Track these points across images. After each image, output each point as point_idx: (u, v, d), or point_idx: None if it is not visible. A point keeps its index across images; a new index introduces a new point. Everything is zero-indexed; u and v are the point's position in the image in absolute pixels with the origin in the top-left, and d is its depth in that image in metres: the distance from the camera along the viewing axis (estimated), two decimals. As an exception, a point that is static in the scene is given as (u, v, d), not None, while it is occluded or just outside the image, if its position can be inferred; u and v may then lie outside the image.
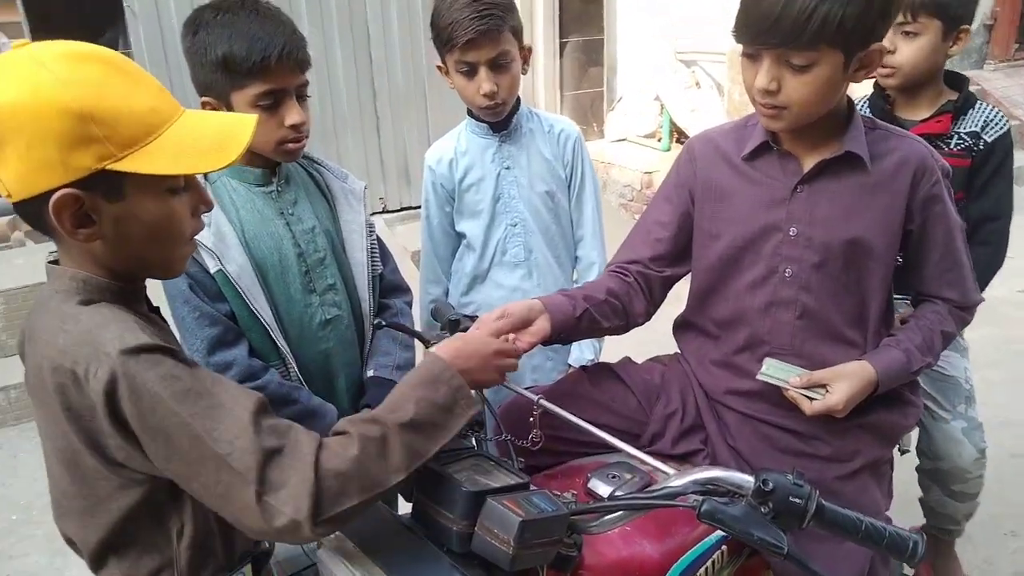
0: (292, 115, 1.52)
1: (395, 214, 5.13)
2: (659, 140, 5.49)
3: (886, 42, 1.82)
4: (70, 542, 1.11)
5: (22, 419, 3.63)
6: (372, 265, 1.75)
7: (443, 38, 1.83)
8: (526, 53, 1.93)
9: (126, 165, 0.94)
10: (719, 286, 1.57)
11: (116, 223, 0.98)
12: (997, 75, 7.96)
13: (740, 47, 1.38)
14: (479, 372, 1.18)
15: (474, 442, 1.23)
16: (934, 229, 1.46)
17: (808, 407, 1.40)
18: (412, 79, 4.99)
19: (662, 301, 1.70)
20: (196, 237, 1.12)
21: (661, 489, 1.06)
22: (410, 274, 4.53)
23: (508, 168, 2.01)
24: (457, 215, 2.08)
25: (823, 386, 1.42)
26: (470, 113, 2.01)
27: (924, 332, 1.49)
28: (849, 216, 1.42)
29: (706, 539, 1.34)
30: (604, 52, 5.70)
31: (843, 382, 1.40)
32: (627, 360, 1.69)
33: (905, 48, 1.92)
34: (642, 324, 1.67)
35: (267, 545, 1.19)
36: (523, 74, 1.95)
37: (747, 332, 1.53)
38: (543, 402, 1.27)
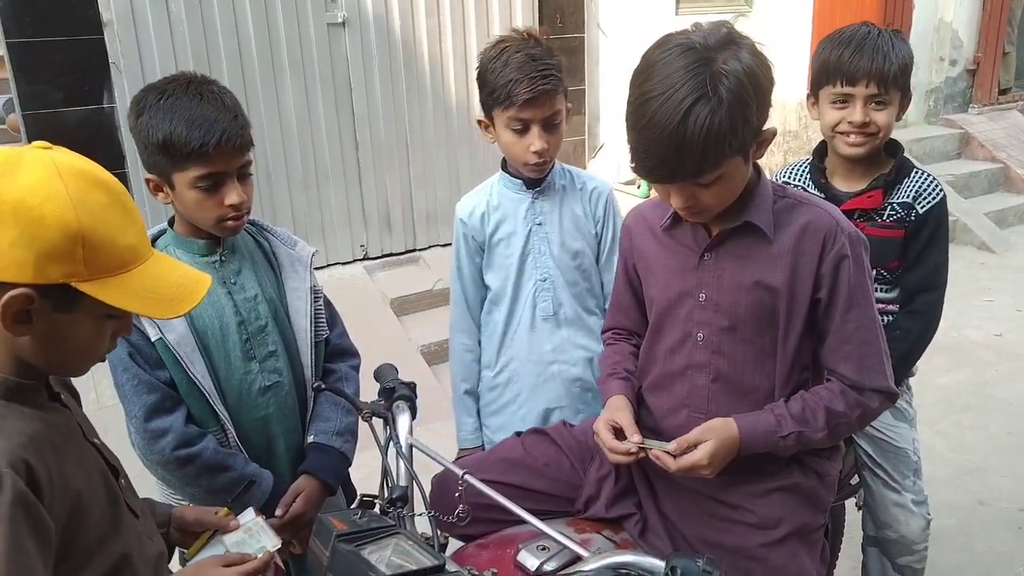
0: (231, 196, 1.56)
1: (376, 261, 5.16)
2: (639, 187, 5.57)
3: (858, 115, 1.91)
4: None
5: None
6: (317, 331, 1.78)
7: (498, 96, 1.86)
8: (568, 110, 1.97)
9: (89, 288, 1.01)
10: (649, 351, 1.62)
11: (51, 329, 1.04)
12: (981, 119, 8.08)
13: None
14: None
15: (396, 518, 1.25)
16: (836, 297, 1.45)
17: (672, 464, 1.41)
18: (394, 131, 5.05)
19: None
20: None
21: (574, 572, 1.08)
22: (387, 321, 4.58)
23: (540, 224, 2.03)
24: (486, 268, 2.11)
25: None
26: (504, 168, 2.06)
27: (805, 402, 1.46)
28: (752, 282, 1.46)
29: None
30: (586, 101, 5.79)
31: (707, 440, 1.42)
32: (562, 424, 1.72)
33: (880, 117, 1.94)
34: None
35: None
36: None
37: (669, 396, 1.57)
38: (468, 477, 1.28)
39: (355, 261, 5.12)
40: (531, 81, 1.81)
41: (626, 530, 1.54)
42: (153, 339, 1.56)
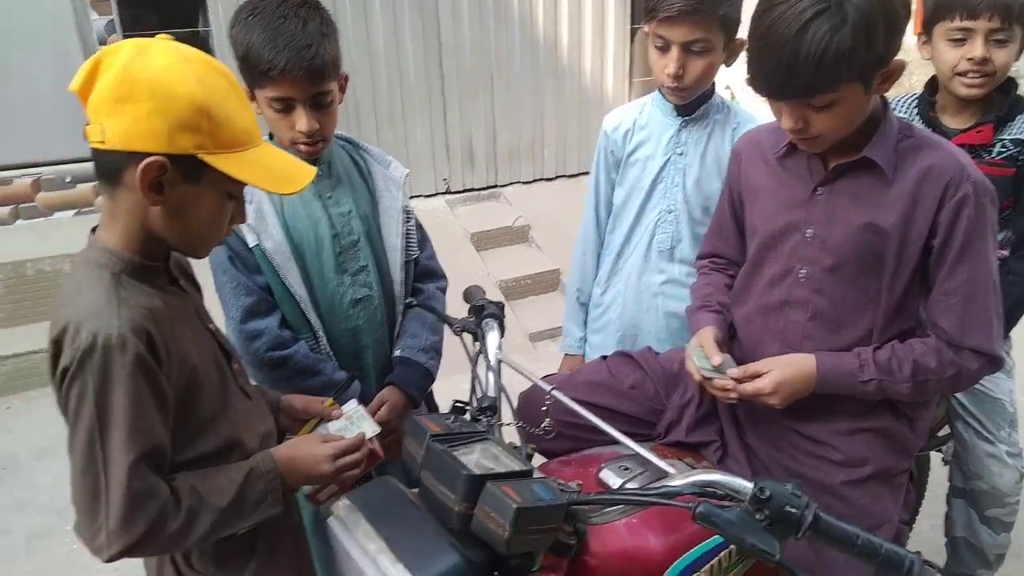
0: (299, 123, 1.57)
1: (457, 195, 5.19)
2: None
3: (979, 51, 1.80)
4: None
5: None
6: (408, 250, 1.81)
7: (649, 4, 1.78)
8: (736, 46, 1.81)
9: (213, 160, 1.11)
10: (746, 282, 1.59)
11: (180, 201, 1.14)
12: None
13: None
14: (301, 479, 1.30)
15: (486, 426, 1.27)
16: (949, 246, 1.37)
17: (735, 391, 1.40)
18: (480, 64, 5.02)
19: None
20: None
21: (661, 488, 1.08)
22: (467, 255, 4.61)
23: (680, 155, 1.93)
24: (617, 185, 2.06)
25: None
26: (660, 88, 1.94)
27: (894, 352, 1.41)
28: (863, 223, 1.40)
29: (713, 537, 1.35)
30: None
31: (777, 369, 1.40)
32: (647, 349, 1.71)
33: (1000, 55, 1.83)
34: None
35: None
36: (727, 66, 1.84)
37: (763, 329, 1.54)
38: (555, 392, 1.30)
39: (437, 195, 5.16)
40: None
41: (705, 457, 1.54)
42: (251, 245, 1.61)
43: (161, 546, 1.15)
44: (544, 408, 1.30)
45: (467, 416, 1.26)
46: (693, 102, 1.89)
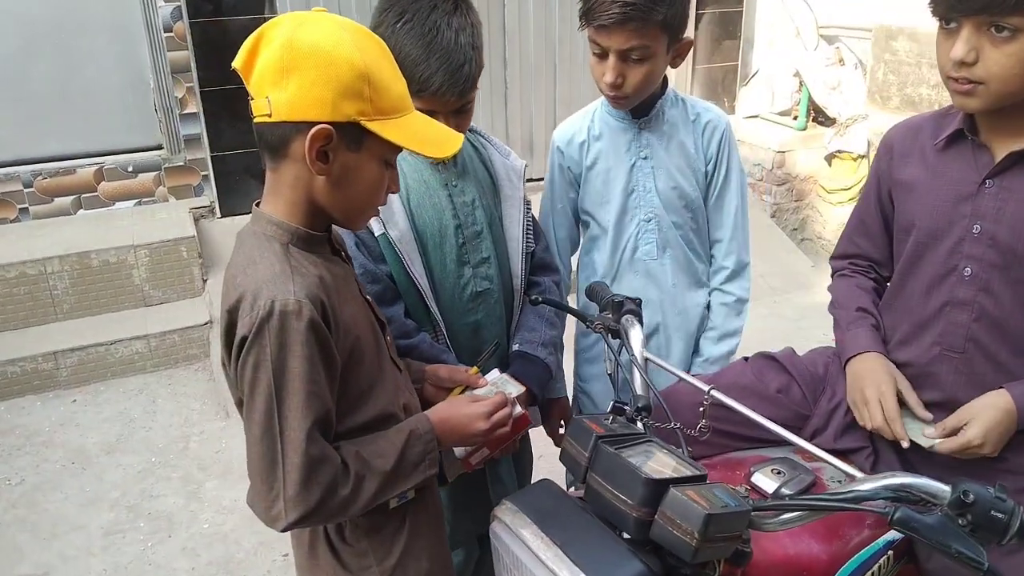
0: None
1: (519, 185, 5.14)
2: (795, 118, 5.26)
3: None
4: None
5: (160, 367, 3.87)
6: (527, 242, 1.76)
7: (583, 9, 1.67)
8: (682, 47, 1.71)
9: (375, 126, 1.11)
10: (902, 280, 1.51)
11: (343, 169, 1.15)
12: None
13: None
14: (456, 439, 1.33)
15: (642, 427, 1.22)
16: None
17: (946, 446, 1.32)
18: (543, 50, 4.95)
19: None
20: None
21: (848, 492, 1.02)
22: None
23: (645, 158, 1.83)
24: (582, 202, 1.93)
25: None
26: None
27: None
28: None
29: (873, 543, 1.29)
30: (742, 24, 5.49)
31: (979, 418, 1.31)
32: (790, 351, 1.64)
33: None
34: None
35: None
36: (674, 67, 1.75)
37: (920, 331, 1.46)
38: (714, 392, 1.24)
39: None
40: (611, 4, 1.58)
41: (855, 463, 1.47)
42: (377, 233, 1.57)
43: (331, 513, 1.15)
44: (702, 408, 1.24)
45: (625, 417, 1.20)
46: (645, 103, 1.79)
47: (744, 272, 1.93)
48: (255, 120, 1.13)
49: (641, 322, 1.41)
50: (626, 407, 1.21)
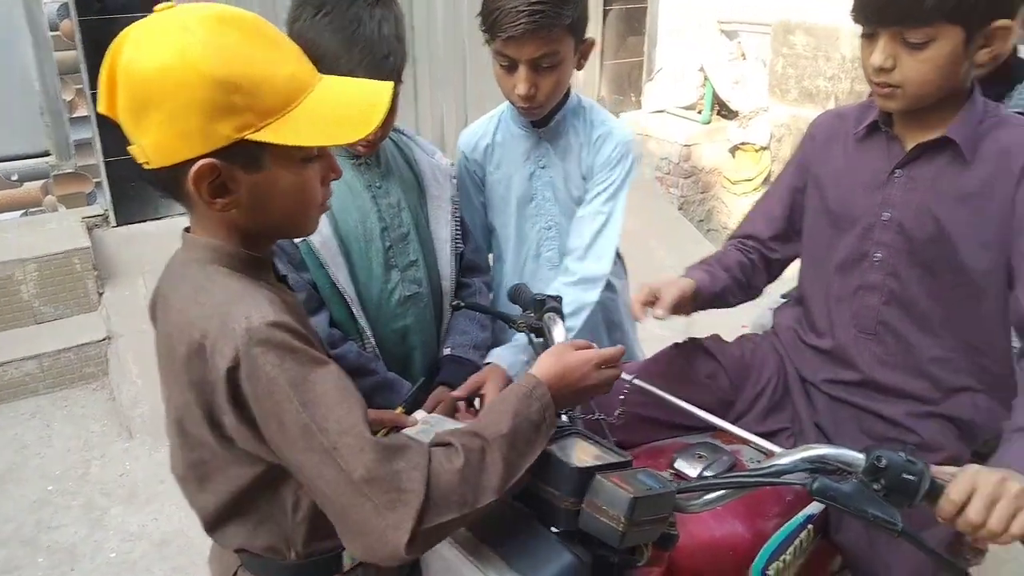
0: None
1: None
2: (699, 112, 5.39)
3: None
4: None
5: (54, 388, 3.62)
6: (455, 243, 1.72)
7: (486, 23, 1.61)
8: (586, 47, 1.70)
9: (266, 136, 0.93)
10: (817, 265, 1.56)
11: (253, 192, 0.98)
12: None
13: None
14: (570, 396, 1.13)
15: (567, 420, 1.20)
16: None
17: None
18: (452, 49, 4.91)
19: (775, 280, 1.71)
20: None
21: (768, 467, 1.03)
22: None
23: (543, 168, 1.81)
24: (488, 208, 1.91)
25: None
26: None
27: None
28: (941, 206, 1.37)
29: (794, 518, 1.32)
30: (646, 20, 5.58)
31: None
32: (717, 337, 1.68)
33: None
34: (754, 299, 1.70)
35: None
36: (579, 69, 1.72)
37: (836, 314, 1.51)
38: (636, 381, 1.23)
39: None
40: (518, 15, 1.52)
41: (775, 444, 1.49)
42: (297, 240, 1.51)
43: (457, 501, 0.93)
44: (621, 397, 1.23)
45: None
46: (548, 113, 1.76)
47: (592, 285, 1.80)
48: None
49: (563, 319, 1.39)
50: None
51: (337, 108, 0.98)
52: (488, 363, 1.64)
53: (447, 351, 1.69)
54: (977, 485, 0.97)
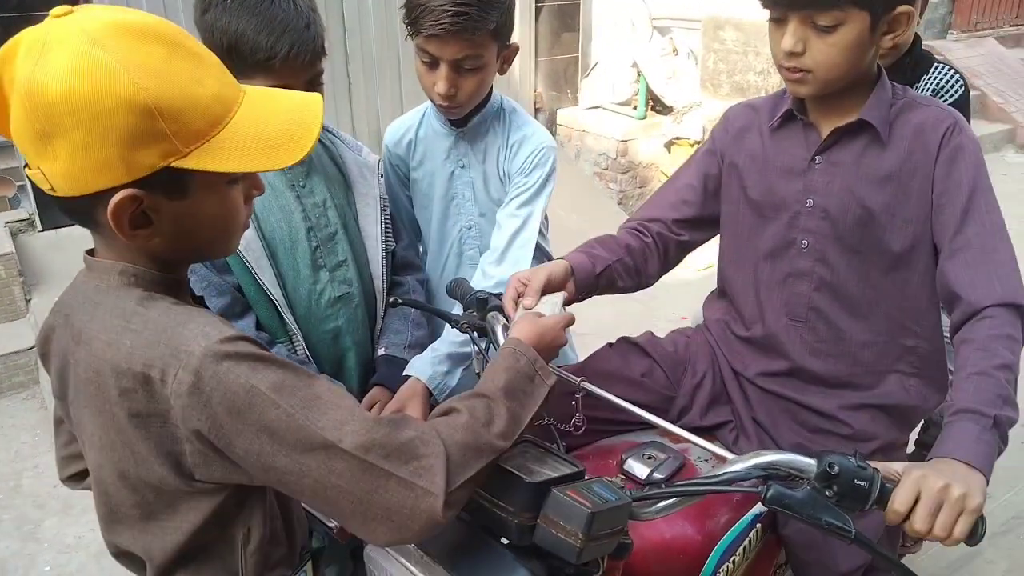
0: None
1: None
2: (635, 108, 5.45)
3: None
4: (122, 554, 1.04)
5: (-9, 396, 3.49)
6: (386, 241, 1.69)
7: (409, 16, 1.58)
8: (509, 52, 1.68)
9: (192, 162, 0.85)
10: (741, 254, 1.57)
11: (176, 220, 0.90)
12: (959, 45, 8.08)
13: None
14: (547, 353, 1.18)
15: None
16: (953, 202, 1.32)
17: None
18: (385, 44, 4.85)
19: (675, 265, 1.68)
20: None
21: (721, 475, 1.04)
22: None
23: (463, 167, 1.79)
24: (413, 203, 1.89)
25: None
26: None
27: (981, 377, 1.15)
28: (863, 188, 1.40)
29: (742, 519, 1.34)
30: (579, 17, 5.61)
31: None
32: (650, 334, 1.68)
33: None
34: (650, 286, 1.66)
35: (322, 542, 1.15)
36: (501, 74, 1.71)
37: (766, 302, 1.53)
38: (586, 384, 1.24)
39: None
40: (442, 14, 1.50)
41: (719, 439, 1.52)
42: None
43: (474, 453, 0.93)
44: (574, 403, 1.23)
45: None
46: (469, 113, 1.74)
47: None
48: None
49: (507, 318, 1.38)
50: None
51: (267, 127, 0.90)
52: (407, 376, 1.60)
53: (381, 351, 1.66)
54: (921, 492, 1.00)
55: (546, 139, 1.78)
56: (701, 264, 4.43)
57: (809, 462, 1.02)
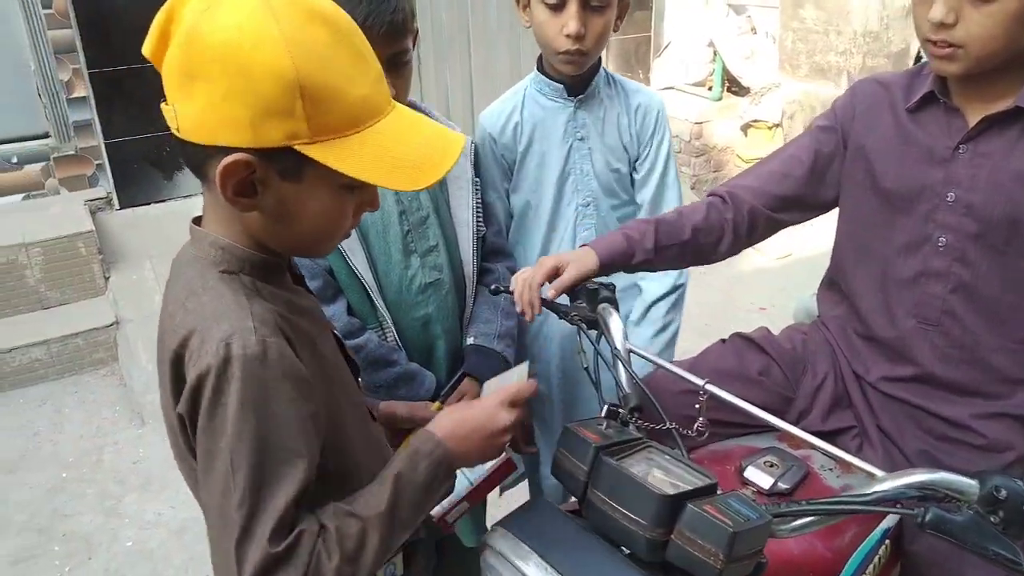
0: None
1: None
2: (710, 89, 5.28)
3: None
4: None
5: (64, 374, 3.57)
6: (477, 225, 1.62)
7: None
8: (623, 7, 1.62)
9: (315, 152, 0.84)
10: (866, 248, 1.44)
11: (280, 202, 0.89)
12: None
13: None
14: (474, 453, 1.04)
15: (635, 430, 1.12)
16: None
17: None
18: (456, 20, 4.79)
19: (755, 244, 1.55)
20: None
21: (870, 494, 0.95)
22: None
23: (581, 139, 1.71)
24: (514, 188, 1.78)
25: None
26: (540, 69, 1.71)
27: None
28: (1015, 184, 1.25)
29: (872, 534, 1.25)
30: (653, -6, 5.46)
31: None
32: (765, 330, 1.57)
33: None
34: (720, 262, 1.54)
35: (420, 533, 1.11)
36: (614, 31, 1.63)
37: (895, 301, 1.40)
38: (711, 387, 1.16)
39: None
40: None
41: (839, 445, 1.42)
42: None
43: None
44: (697, 406, 1.15)
45: (619, 420, 1.10)
46: (584, 78, 1.68)
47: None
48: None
49: (618, 309, 1.31)
50: (620, 409, 1.11)
51: (399, 147, 0.89)
52: (466, 374, 1.55)
53: (471, 340, 1.59)
54: None
55: (661, 101, 1.76)
56: (779, 252, 4.29)
57: (970, 483, 0.93)
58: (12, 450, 3.13)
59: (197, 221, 0.97)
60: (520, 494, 2.02)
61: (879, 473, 0.98)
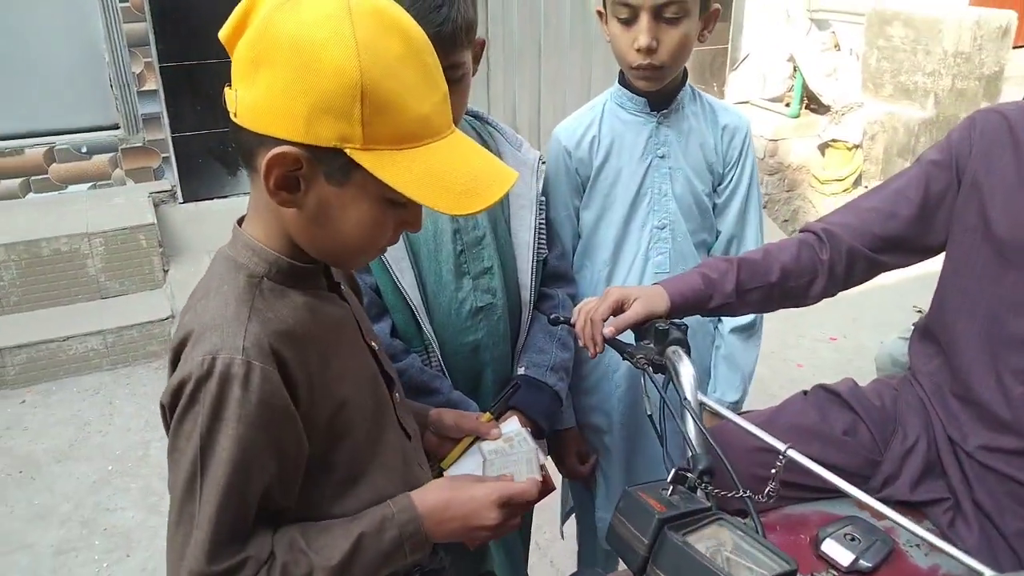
0: None
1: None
2: (787, 105, 5.08)
3: None
4: None
5: (118, 364, 3.59)
6: (539, 248, 1.51)
7: None
8: (711, 15, 1.52)
9: (365, 159, 0.82)
10: (968, 302, 1.28)
11: (321, 204, 0.88)
12: None
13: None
14: (450, 538, 1.01)
15: (704, 496, 1.00)
16: None
17: None
18: (528, 29, 4.70)
19: (852, 287, 1.41)
20: None
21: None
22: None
23: (662, 157, 1.60)
24: (583, 207, 1.67)
25: None
26: (622, 82, 1.61)
27: None
28: None
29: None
30: (732, 6, 5.28)
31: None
32: (852, 382, 1.41)
33: None
34: (794, 307, 1.41)
35: (441, 562, 1.06)
36: (701, 41, 1.53)
37: (1000, 364, 1.24)
38: (792, 452, 1.03)
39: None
40: None
41: (929, 517, 1.27)
42: None
43: None
44: (774, 471, 1.02)
45: (686, 485, 0.98)
46: (667, 92, 1.57)
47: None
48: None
49: (690, 354, 1.19)
50: (688, 474, 0.99)
51: (451, 171, 0.87)
52: (514, 408, 1.42)
53: (522, 370, 1.48)
54: None
55: (749, 122, 1.67)
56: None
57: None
58: (63, 439, 3.15)
59: (241, 221, 0.97)
60: (557, 526, 1.90)
61: (987, 573, 0.84)
